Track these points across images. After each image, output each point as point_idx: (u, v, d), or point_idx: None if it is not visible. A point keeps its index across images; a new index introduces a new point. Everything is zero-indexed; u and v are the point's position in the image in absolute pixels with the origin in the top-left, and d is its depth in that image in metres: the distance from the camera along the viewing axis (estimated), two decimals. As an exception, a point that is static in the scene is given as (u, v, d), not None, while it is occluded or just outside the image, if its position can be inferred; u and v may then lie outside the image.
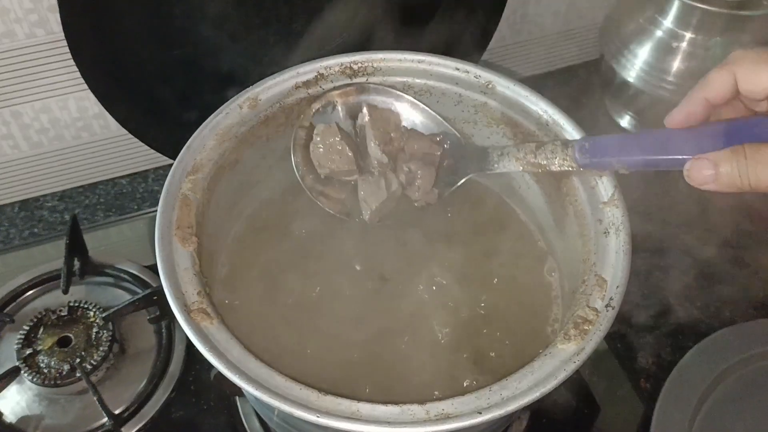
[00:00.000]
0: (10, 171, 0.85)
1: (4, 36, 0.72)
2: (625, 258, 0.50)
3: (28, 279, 0.77)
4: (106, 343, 0.70)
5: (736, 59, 0.42)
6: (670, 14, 0.85)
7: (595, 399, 0.71)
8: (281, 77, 0.61)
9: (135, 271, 0.78)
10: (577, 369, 0.45)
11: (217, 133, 0.58)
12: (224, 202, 0.59)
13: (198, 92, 0.69)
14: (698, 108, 0.44)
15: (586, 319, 0.47)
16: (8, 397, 0.69)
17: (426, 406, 0.43)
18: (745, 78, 0.42)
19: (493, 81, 0.61)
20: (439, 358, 0.55)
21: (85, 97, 0.80)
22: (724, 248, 0.84)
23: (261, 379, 0.44)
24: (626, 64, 0.88)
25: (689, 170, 0.42)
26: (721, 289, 0.81)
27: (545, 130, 0.59)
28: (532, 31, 0.99)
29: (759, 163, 0.39)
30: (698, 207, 0.87)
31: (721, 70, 0.43)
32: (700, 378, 0.70)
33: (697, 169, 0.41)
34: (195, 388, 0.71)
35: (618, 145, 0.48)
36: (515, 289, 0.60)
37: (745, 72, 0.42)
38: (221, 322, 0.47)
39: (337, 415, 0.43)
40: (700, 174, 0.41)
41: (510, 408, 0.43)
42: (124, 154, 0.89)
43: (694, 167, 0.42)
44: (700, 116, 0.45)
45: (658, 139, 0.46)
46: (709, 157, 0.41)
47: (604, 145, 0.48)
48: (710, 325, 0.77)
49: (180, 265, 0.50)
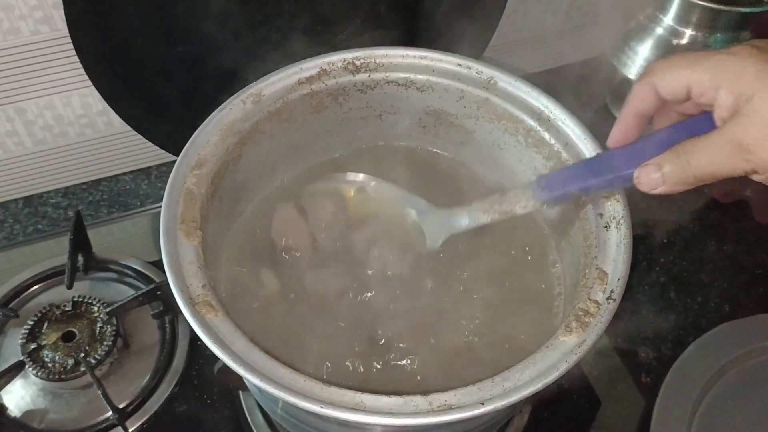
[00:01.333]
0: (15, 167, 0.85)
1: (8, 33, 0.72)
2: (626, 251, 0.51)
3: (32, 274, 0.77)
4: (110, 337, 0.70)
5: (651, 69, 0.45)
6: (671, 11, 0.85)
7: (596, 393, 0.71)
8: (284, 73, 0.61)
9: (138, 267, 0.78)
10: (578, 361, 0.45)
11: (221, 128, 0.58)
12: (228, 197, 0.59)
13: (201, 89, 0.70)
14: (632, 123, 0.47)
15: (587, 311, 0.48)
16: (13, 392, 0.69)
17: (429, 397, 0.44)
18: (662, 84, 0.44)
19: (495, 77, 0.62)
20: (439, 346, 0.55)
21: (88, 94, 0.81)
22: (724, 244, 0.85)
23: (265, 370, 0.45)
24: (627, 61, 0.89)
25: (638, 178, 0.44)
26: (721, 285, 0.81)
27: (546, 126, 0.60)
28: (534, 28, 0.99)
29: (697, 153, 0.41)
30: (699, 203, 0.88)
31: (640, 82, 0.45)
32: (700, 373, 0.70)
33: (645, 175, 0.44)
34: (198, 383, 0.72)
35: (571, 176, 0.50)
36: (519, 280, 0.60)
37: (661, 79, 0.44)
38: (226, 315, 0.48)
39: (341, 405, 0.43)
40: (648, 179, 0.44)
41: (512, 399, 0.44)
42: (127, 150, 0.89)
43: (641, 173, 0.44)
44: (635, 131, 0.47)
45: (605, 160, 0.49)
46: (652, 162, 0.44)
47: (558, 179, 0.51)
48: (710, 321, 0.77)
49: (185, 259, 0.50)
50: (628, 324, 0.77)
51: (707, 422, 0.68)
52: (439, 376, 0.54)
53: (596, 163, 0.50)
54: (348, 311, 0.58)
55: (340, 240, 0.61)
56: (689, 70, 0.43)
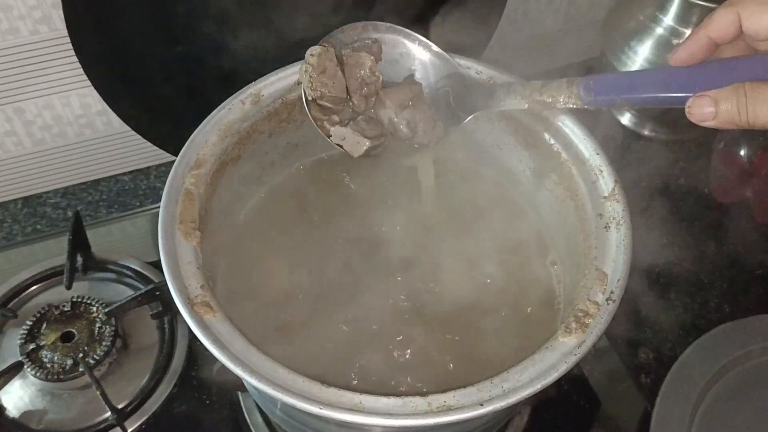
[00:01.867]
0: (13, 167, 0.85)
1: (7, 33, 0.72)
2: (625, 252, 0.51)
3: (31, 275, 0.77)
4: (109, 338, 0.70)
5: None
6: (671, 11, 0.85)
7: (595, 394, 0.71)
8: (284, 73, 0.61)
9: (137, 267, 0.78)
10: (578, 362, 0.45)
11: (220, 128, 0.58)
12: (227, 197, 0.59)
13: (200, 89, 0.70)
14: (702, 46, 0.45)
15: (587, 312, 0.48)
16: (11, 392, 0.69)
17: (428, 398, 0.44)
18: (749, 18, 0.42)
19: (495, 77, 0.62)
20: (438, 350, 0.55)
21: (88, 94, 0.81)
22: (724, 244, 0.84)
23: (264, 371, 0.45)
24: (627, 61, 0.88)
25: (690, 107, 0.43)
26: (720, 285, 0.81)
27: (546, 126, 0.59)
28: (534, 28, 0.99)
29: (758, 101, 0.40)
30: (700, 204, 0.88)
31: (725, 9, 0.43)
32: (700, 373, 0.70)
33: (698, 106, 0.42)
34: (197, 384, 0.72)
35: (622, 83, 0.48)
36: (517, 280, 0.60)
37: (749, 12, 0.42)
38: (224, 315, 0.48)
39: (339, 406, 0.43)
40: (701, 111, 0.42)
41: (511, 400, 0.44)
42: (126, 150, 0.89)
43: (695, 104, 0.43)
44: (703, 54, 0.45)
45: (662, 76, 0.46)
46: (710, 95, 0.42)
47: (608, 83, 0.49)
48: (710, 321, 0.77)
49: (183, 259, 0.50)
50: (628, 324, 0.77)
51: (707, 423, 0.68)
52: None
53: (652, 77, 0.47)
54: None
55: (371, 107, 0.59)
56: None
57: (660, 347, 0.76)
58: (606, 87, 0.49)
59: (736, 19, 0.43)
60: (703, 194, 0.88)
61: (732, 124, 0.41)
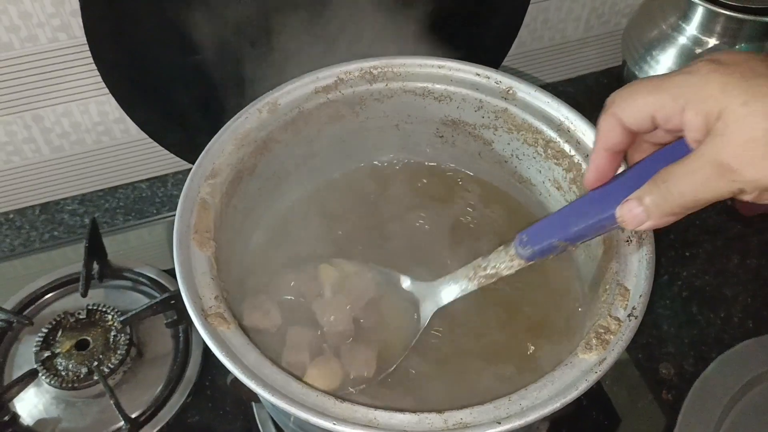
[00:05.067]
0: (32, 174, 0.85)
1: (26, 40, 0.72)
2: (648, 267, 0.50)
3: (47, 282, 0.77)
4: (124, 346, 0.70)
5: (612, 101, 0.42)
6: (694, 20, 0.83)
7: (615, 410, 0.70)
8: (301, 82, 0.61)
9: (153, 275, 0.78)
10: (598, 380, 0.44)
11: (236, 137, 0.58)
12: (242, 207, 0.59)
13: (217, 97, 0.70)
14: (605, 162, 0.44)
15: (608, 328, 0.47)
16: (26, 400, 0.69)
17: (444, 414, 0.43)
18: (625, 114, 0.41)
19: (514, 87, 0.61)
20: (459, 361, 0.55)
21: (106, 102, 0.81)
22: (748, 257, 0.83)
23: (277, 384, 0.44)
24: (649, 71, 0.87)
25: (621, 216, 0.42)
26: (744, 299, 0.79)
27: (566, 137, 0.59)
28: (554, 37, 0.98)
29: (677, 180, 0.38)
30: (723, 216, 0.86)
31: (603, 116, 0.43)
32: (723, 390, 0.69)
33: (627, 211, 0.41)
34: (211, 393, 0.71)
35: (551, 227, 0.47)
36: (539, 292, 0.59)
37: (623, 109, 0.41)
38: (238, 327, 0.47)
39: (353, 422, 0.42)
40: (631, 215, 0.41)
41: (529, 418, 0.43)
42: (143, 158, 0.89)
43: (623, 211, 0.41)
44: (610, 168, 0.44)
45: (584, 205, 0.45)
46: (632, 197, 0.41)
47: (538, 232, 0.48)
48: (734, 336, 0.76)
49: (197, 270, 0.50)
50: (649, 339, 0.76)
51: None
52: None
53: (575, 209, 0.46)
54: None
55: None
56: (650, 96, 0.40)
57: (682, 363, 0.74)
58: (537, 236, 0.47)
59: (618, 122, 0.42)
60: (726, 206, 0.87)
61: (668, 215, 0.40)
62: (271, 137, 0.60)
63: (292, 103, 0.61)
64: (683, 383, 0.71)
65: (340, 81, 0.62)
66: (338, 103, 0.62)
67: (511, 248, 0.49)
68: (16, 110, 0.78)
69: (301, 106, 0.61)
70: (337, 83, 0.62)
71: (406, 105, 0.64)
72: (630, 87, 0.41)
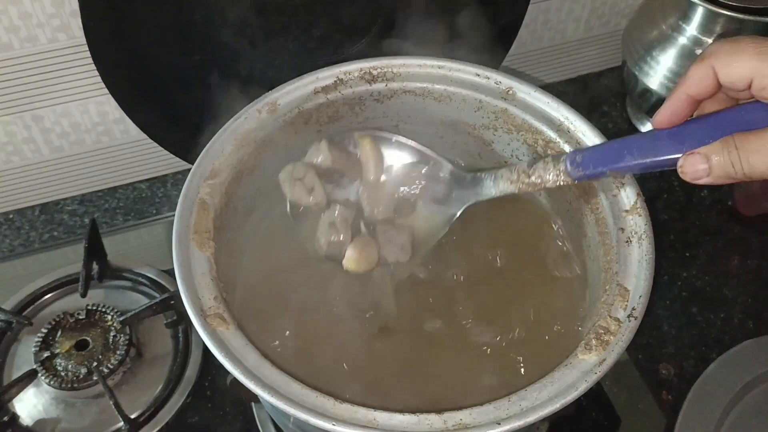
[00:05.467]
0: (31, 174, 0.85)
1: (26, 41, 0.72)
2: (648, 267, 0.49)
3: (47, 282, 0.77)
4: (123, 347, 0.70)
5: (713, 52, 0.42)
6: (694, 21, 0.83)
7: (615, 411, 0.70)
8: (300, 82, 0.61)
9: (153, 276, 0.78)
10: (598, 380, 0.44)
11: (236, 137, 0.58)
12: (242, 208, 0.59)
13: (217, 97, 0.69)
14: (682, 105, 0.44)
15: (607, 329, 0.47)
16: (25, 400, 0.69)
17: (443, 415, 0.43)
18: (724, 70, 0.41)
19: (514, 87, 0.61)
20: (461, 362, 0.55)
21: (105, 102, 0.81)
22: (748, 258, 0.83)
23: (277, 385, 0.44)
24: (649, 71, 0.87)
25: (682, 166, 0.42)
26: (745, 300, 0.79)
27: (566, 137, 0.58)
28: (554, 38, 0.98)
29: (750, 151, 0.39)
30: (724, 217, 0.86)
31: (699, 64, 0.43)
32: (723, 390, 0.68)
33: (690, 165, 0.41)
34: (211, 394, 0.71)
35: (609, 154, 0.47)
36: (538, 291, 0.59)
37: (722, 64, 0.41)
38: (237, 328, 0.47)
39: (353, 423, 0.42)
40: (693, 169, 0.41)
41: (529, 419, 0.42)
42: (143, 158, 0.89)
43: (687, 163, 0.42)
44: (685, 113, 0.44)
45: (648, 141, 0.45)
46: (700, 152, 0.41)
47: (595, 156, 0.48)
48: (734, 337, 0.76)
49: (197, 270, 0.50)
50: (649, 339, 0.76)
51: (731, 442, 0.67)
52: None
53: (638, 143, 0.46)
54: None
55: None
56: (755, 60, 0.40)
57: (682, 363, 0.74)
58: (593, 160, 0.47)
59: (711, 73, 0.42)
60: (727, 207, 0.87)
61: (728, 178, 0.40)
62: (270, 137, 0.60)
63: (292, 103, 0.60)
64: (683, 384, 0.71)
65: (340, 81, 0.62)
66: (338, 103, 0.62)
67: (561, 164, 0.49)
68: (16, 110, 0.78)
69: (300, 106, 0.61)
70: (337, 83, 0.62)
71: (405, 105, 0.64)
72: (735, 44, 0.41)
